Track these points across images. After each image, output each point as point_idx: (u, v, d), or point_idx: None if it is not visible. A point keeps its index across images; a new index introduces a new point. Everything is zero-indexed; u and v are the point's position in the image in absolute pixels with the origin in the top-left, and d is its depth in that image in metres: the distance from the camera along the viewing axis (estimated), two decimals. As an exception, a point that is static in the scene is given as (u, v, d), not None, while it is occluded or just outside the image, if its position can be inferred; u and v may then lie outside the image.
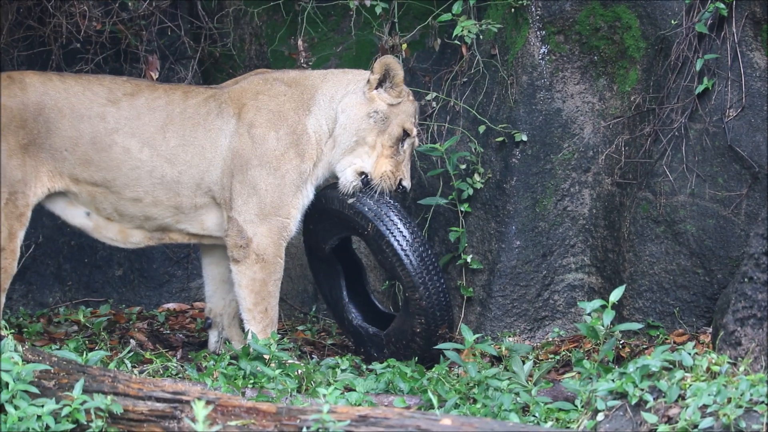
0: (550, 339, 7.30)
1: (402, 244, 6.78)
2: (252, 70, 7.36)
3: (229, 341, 7.06)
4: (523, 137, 7.33)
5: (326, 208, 6.94)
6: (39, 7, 7.66)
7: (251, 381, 6.08)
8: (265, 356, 6.26)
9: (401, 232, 6.79)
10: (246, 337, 6.67)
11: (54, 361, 5.19)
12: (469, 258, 7.39)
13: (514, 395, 5.91)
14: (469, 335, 6.28)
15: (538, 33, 7.36)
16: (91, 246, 7.30)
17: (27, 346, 5.25)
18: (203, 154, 6.76)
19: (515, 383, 6.06)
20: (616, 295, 6.00)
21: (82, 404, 4.98)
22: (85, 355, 5.73)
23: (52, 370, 5.12)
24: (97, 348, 6.94)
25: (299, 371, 6.24)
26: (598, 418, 5.17)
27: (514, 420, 5.60)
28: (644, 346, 6.84)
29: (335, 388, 5.80)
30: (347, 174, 6.86)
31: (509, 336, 7.28)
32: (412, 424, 4.65)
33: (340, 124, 6.83)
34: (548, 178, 7.36)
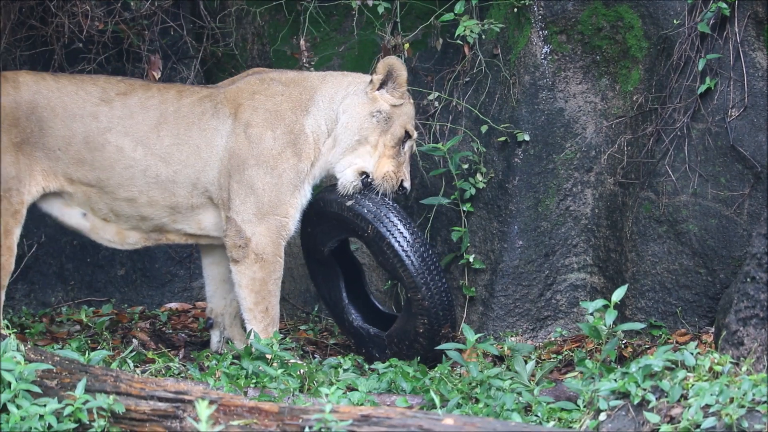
0: (553, 339, 7.30)
1: (403, 245, 6.78)
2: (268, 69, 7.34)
3: (230, 341, 7.06)
4: (526, 137, 7.33)
5: (324, 210, 6.93)
6: (41, 7, 7.66)
7: (253, 380, 6.08)
8: (267, 356, 6.26)
9: (401, 233, 6.79)
10: (248, 336, 6.67)
11: (56, 360, 5.19)
12: (472, 258, 7.39)
13: (516, 395, 5.91)
14: (470, 335, 6.28)
15: (541, 33, 7.35)
16: (94, 246, 7.29)
17: (29, 346, 5.26)
18: (199, 153, 6.75)
19: (517, 383, 6.05)
20: (618, 294, 6.00)
21: (84, 404, 4.98)
22: (87, 355, 5.74)
23: (55, 370, 5.12)
24: (99, 347, 6.94)
25: (301, 371, 6.24)
26: (600, 418, 5.18)
27: (517, 420, 5.60)
28: (646, 346, 6.84)
29: (337, 388, 5.80)
30: (347, 174, 6.85)
31: (511, 336, 7.28)
32: (414, 423, 4.65)
33: (342, 123, 6.82)
34: (550, 177, 7.36)
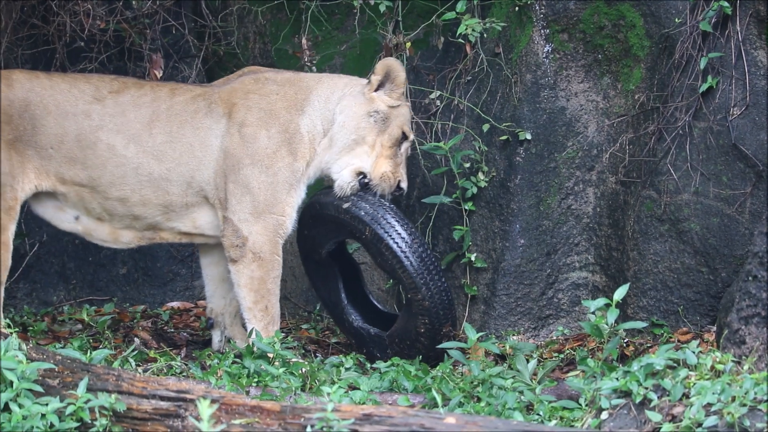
0: (554, 337, 7.30)
1: (401, 246, 6.77)
2: (269, 68, 7.34)
3: (231, 340, 7.06)
4: (527, 136, 7.33)
5: (321, 213, 6.92)
6: (43, 6, 7.66)
7: (255, 379, 6.08)
8: (269, 355, 6.26)
9: (399, 233, 6.78)
10: (249, 336, 6.67)
11: (58, 359, 5.19)
12: (473, 256, 7.39)
13: (518, 394, 5.91)
14: (472, 334, 6.28)
15: (542, 31, 7.35)
16: (95, 245, 7.28)
17: (31, 345, 5.26)
18: (192, 152, 6.74)
19: (519, 382, 6.05)
20: (620, 293, 5.99)
21: (86, 403, 4.98)
22: (89, 354, 5.74)
23: (57, 369, 5.12)
24: (101, 346, 6.94)
25: (303, 370, 6.24)
26: (602, 417, 5.17)
27: (518, 418, 5.59)
28: (648, 345, 6.83)
29: (339, 387, 5.80)
30: (344, 175, 6.83)
31: (513, 334, 7.28)
32: (416, 422, 4.65)
33: (339, 123, 6.81)
34: (552, 176, 7.36)
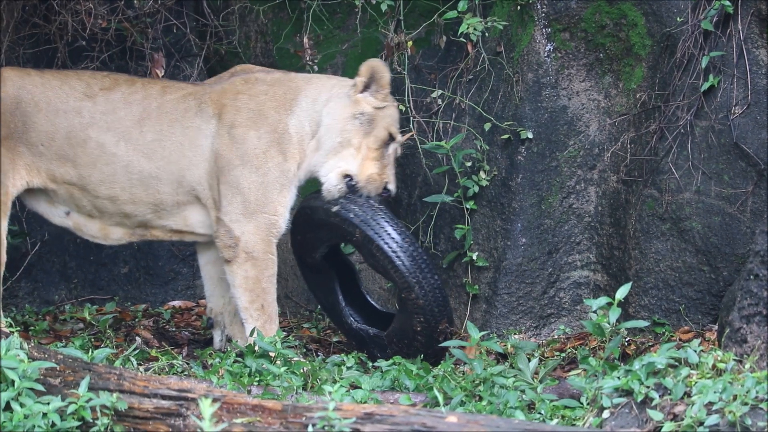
0: (556, 336, 7.29)
1: (392, 246, 6.77)
2: (261, 67, 7.33)
3: (231, 339, 7.06)
4: (529, 135, 7.33)
5: (312, 217, 6.93)
6: (44, 5, 7.66)
7: (257, 378, 6.08)
8: (270, 354, 6.26)
9: (389, 234, 6.78)
10: (251, 335, 6.66)
11: (60, 358, 5.19)
12: (475, 255, 7.39)
13: (519, 392, 5.91)
14: (474, 332, 6.28)
15: (544, 30, 7.35)
16: (97, 244, 7.29)
17: (33, 344, 5.26)
18: (182, 151, 6.74)
19: (521, 380, 6.05)
20: (622, 292, 5.99)
21: (87, 402, 4.98)
22: (90, 353, 5.75)
23: (58, 368, 5.12)
24: (102, 345, 6.94)
25: (305, 369, 6.24)
26: (603, 416, 5.17)
27: (520, 417, 5.59)
28: (650, 344, 6.83)
29: (341, 386, 5.79)
30: (331, 178, 6.82)
31: (515, 333, 7.28)
32: (417, 421, 4.65)
33: (325, 125, 6.80)
34: (554, 175, 7.36)
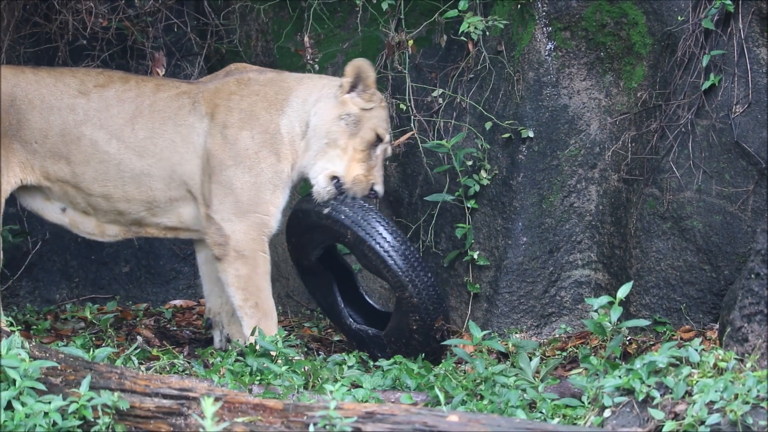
0: (557, 335, 7.29)
1: (384, 246, 6.77)
2: (256, 66, 7.33)
3: (230, 339, 7.06)
4: (530, 133, 7.33)
5: (304, 220, 6.94)
6: (45, 4, 7.66)
7: (258, 378, 6.08)
8: (271, 353, 6.26)
9: (381, 234, 6.78)
10: (252, 334, 6.66)
11: (61, 357, 5.19)
12: (476, 254, 7.39)
13: (520, 392, 5.90)
14: (477, 332, 6.27)
15: (545, 29, 7.35)
16: (98, 243, 7.30)
17: (34, 343, 5.26)
18: (174, 147, 6.73)
19: (522, 380, 6.05)
20: (623, 291, 5.99)
21: (89, 401, 4.98)
22: (92, 352, 5.75)
23: (59, 367, 5.12)
24: (103, 345, 6.93)
25: (306, 368, 6.24)
26: (604, 415, 5.17)
27: (521, 416, 5.59)
28: (651, 343, 6.83)
29: (342, 385, 5.79)
30: (320, 180, 6.82)
31: (516, 332, 7.28)
32: (418, 420, 4.65)
33: (312, 126, 6.80)
34: (555, 174, 7.36)
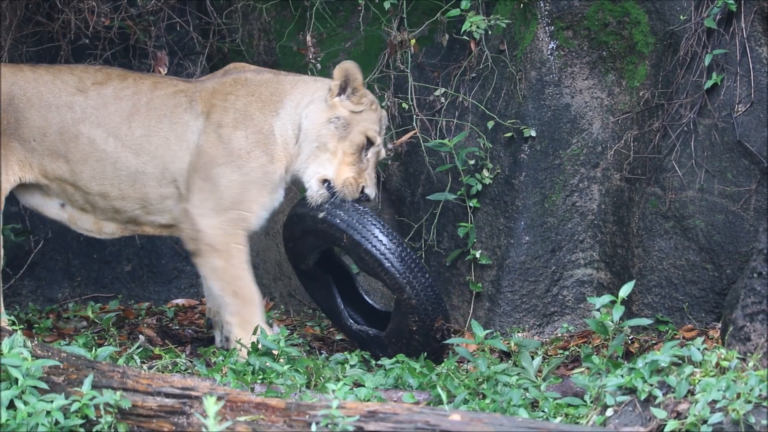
0: (559, 334, 7.29)
1: (380, 249, 6.77)
2: (257, 66, 7.34)
3: (229, 339, 7.06)
4: (532, 133, 7.33)
5: (300, 225, 6.95)
6: (47, 3, 7.67)
7: (260, 376, 6.08)
8: (274, 352, 6.26)
9: (376, 237, 6.78)
10: (240, 326, 6.67)
11: (63, 356, 5.20)
12: (478, 253, 7.39)
13: (523, 391, 5.91)
14: (479, 331, 6.28)
15: (547, 28, 7.35)
16: (100, 242, 7.31)
17: (36, 342, 5.27)
18: (168, 145, 6.74)
19: (524, 379, 6.05)
20: (625, 290, 5.99)
21: (91, 400, 4.99)
22: (94, 351, 5.75)
23: (62, 366, 5.13)
24: (106, 344, 6.94)
25: (308, 367, 6.24)
26: (607, 414, 5.17)
27: (523, 415, 5.59)
28: (653, 342, 6.83)
29: (344, 384, 5.79)
30: (313, 184, 6.82)
31: (518, 331, 7.28)
32: (421, 419, 4.65)
33: (303, 129, 6.81)
34: (557, 173, 7.35)
